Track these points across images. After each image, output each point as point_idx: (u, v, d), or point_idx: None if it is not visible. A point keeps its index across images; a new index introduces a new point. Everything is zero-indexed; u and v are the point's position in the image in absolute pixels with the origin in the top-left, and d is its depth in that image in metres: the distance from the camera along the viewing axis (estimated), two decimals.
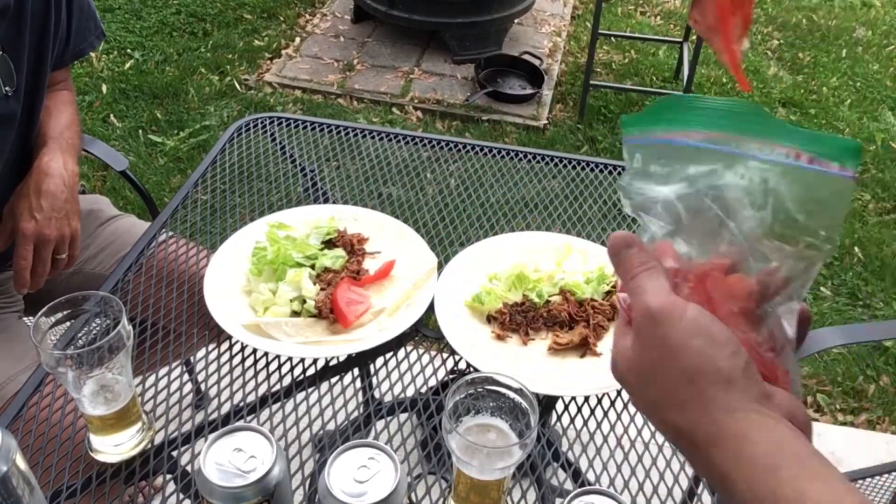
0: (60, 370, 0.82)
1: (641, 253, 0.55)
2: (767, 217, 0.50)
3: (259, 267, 1.13)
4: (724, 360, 0.50)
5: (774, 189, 0.50)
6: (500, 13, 3.64)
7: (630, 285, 0.55)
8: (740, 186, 0.51)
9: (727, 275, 0.54)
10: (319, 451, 0.96)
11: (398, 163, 1.47)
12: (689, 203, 0.54)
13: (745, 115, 0.51)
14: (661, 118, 0.55)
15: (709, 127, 0.52)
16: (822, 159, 0.48)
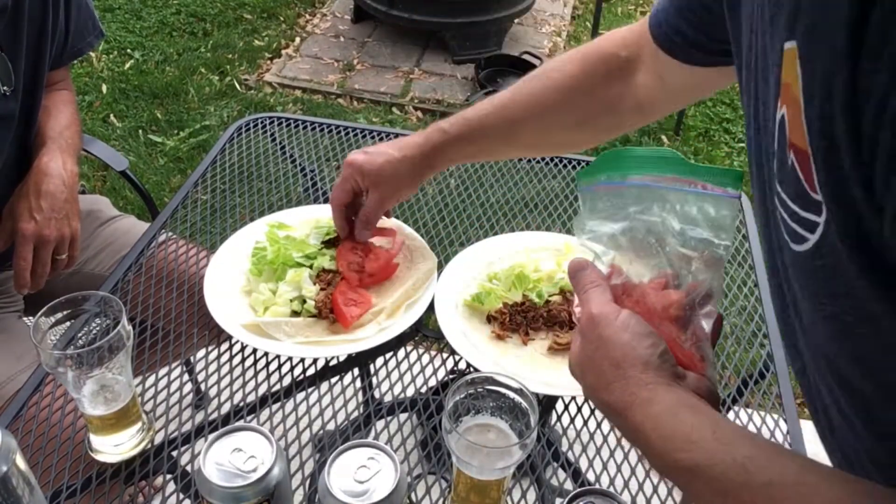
0: (60, 370, 0.82)
1: (591, 273, 0.71)
2: (689, 240, 0.66)
3: (259, 267, 1.13)
4: (644, 349, 0.63)
5: (693, 215, 0.65)
6: (500, 13, 3.64)
7: (581, 297, 0.69)
8: (663, 216, 0.66)
9: (663, 289, 0.68)
10: (319, 451, 0.96)
11: None
12: (630, 234, 0.69)
13: (664, 159, 0.67)
14: (603, 169, 0.71)
15: (639, 171, 0.68)
16: (715, 186, 0.64)
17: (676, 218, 0.66)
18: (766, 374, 1.06)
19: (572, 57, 1.01)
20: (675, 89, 0.94)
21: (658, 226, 0.67)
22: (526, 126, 1.03)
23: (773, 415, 1.00)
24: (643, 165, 0.68)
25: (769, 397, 1.02)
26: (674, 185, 0.66)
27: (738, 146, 3.36)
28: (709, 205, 0.64)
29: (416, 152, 1.07)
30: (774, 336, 1.11)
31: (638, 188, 0.68)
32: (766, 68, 0.55)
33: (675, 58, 0.87)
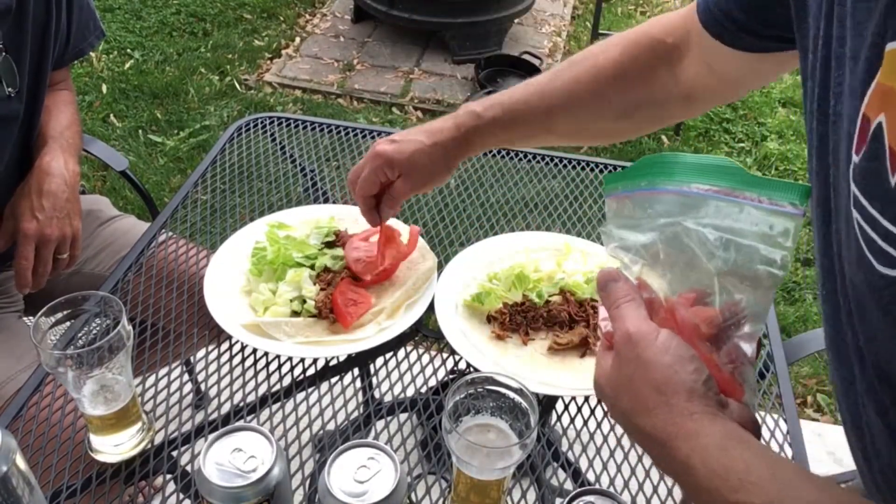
0: (60, 370, 0.82)
1: (625, 286, 0.65)
2: (732, 256, 0.59)
3: (259, 267, 1.13)
4: (688, 375, 0.58)
5: (742, 229, 0.59)
6: (500, 13, 3.64)
7: (613, 313, 0.64)
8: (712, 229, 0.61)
9: (693, 306, 0.63)
10: (319, 451, 0.96)
11: None
12: (667, 245, 0.64)
13: (720, 168, 0.61)
14: (644, 174, 0.65)
15: (689, 179, 0.62)
16: (776, 200, 0.58)
17: (724, 231, 0.60)
18: (765, 374, 1.06)
19: (616, 41, 0.96)
20: (725, 78, 0.90)
21: (698, 238, 0.61)
22: (565, 114, 0.98)
23: (773, 415, 1.00)
24: (695, 173, 0.62)
25: (769, 397, 1.02)
26: (729, 197, 0.60)
27: (738, 146, 3.36)
28: (767, 220, 0.58)
29: (448, 138, 1.01)
30: (774, 336, 1.11)
31: (685, 196, 0.62)
32: (841, 59, 0.52)
33: (725, 43, 0.82)
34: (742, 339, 0.60)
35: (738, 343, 0.61)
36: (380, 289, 1.14)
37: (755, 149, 3.34)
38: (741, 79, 0.90)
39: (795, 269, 2.66)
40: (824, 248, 0.58)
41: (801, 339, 1.29)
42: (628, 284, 0.65)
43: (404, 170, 1.03)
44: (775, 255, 0.58)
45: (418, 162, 1.02)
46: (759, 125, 3.49)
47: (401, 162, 1.02)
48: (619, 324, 0.62)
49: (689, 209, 0.62)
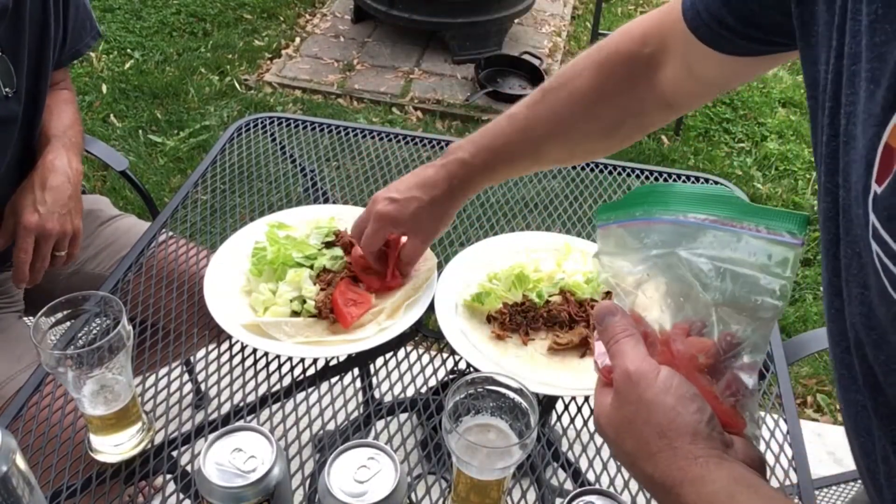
0: (60, 370, 0.82)
1: (622, 321, 0.63)
2: (728, 286, 0.58)
3: (259, 267, 1.13)
4: (691, 415, 0.57)
5: (740, 259, 0.58)
6: (500, 13, 3.64)
7: (612, 349, 0.62)
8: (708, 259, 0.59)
9: (688, 336, 0.62)
10: (319, 451, 0.96)
11: (398, 163, 1.47)
12: (662, 275, 0.63)
13: (716, 198, 0.60)
14: (638, 203, 0.64)
15: (684, 209, 0.61)
16: (775, 230, 0.57)
17: (721, 261, 0.59)
18: (765, 374, 1.06)
19: (588, 62, 0.95)
20: (706, 82, 0.89)
21: (693, 269, 0.60)
22: (552, 144, 0.99)
23: (773, 415, 1.00)
24: (691, 203, 0.61)
25: (769, 397, 1.02)
26: (726, 226, 0.58)
27: (737, 146, 3.36)
28: (765, 249, 0.57)
29: (444, 191, 1.04)
30: (774, 336, 1.11)
31: (681, 226, 0.61)
32: (854, 78, 0.51)
33: (717, 49, 0.80)
34: (742, 370, 0.59)
35: (738, 374, 0.59)
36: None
37: (755, 149, 3.34)
38: (723, 80, 0.89)
39: None
40: (832, 267, 0.57)
41: (801, 339, 1.29)
42: (626, 319, 0.64)
43: (409, 229, 1.07)
44: (774, 285, 0.57)
45: (422, 220, 1.05)
46: (759, 125, 3.49)
47: (405, 221, 1.05)
48: (619, 361, 0.61)
49: (685, 239, 0.61)
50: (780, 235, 0.56)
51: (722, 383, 0.60)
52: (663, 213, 0.62)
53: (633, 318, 0.64)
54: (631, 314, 0.65)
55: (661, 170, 1.46)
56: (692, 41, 0.82)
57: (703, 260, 0.59)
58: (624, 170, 1.47)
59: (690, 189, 0.62)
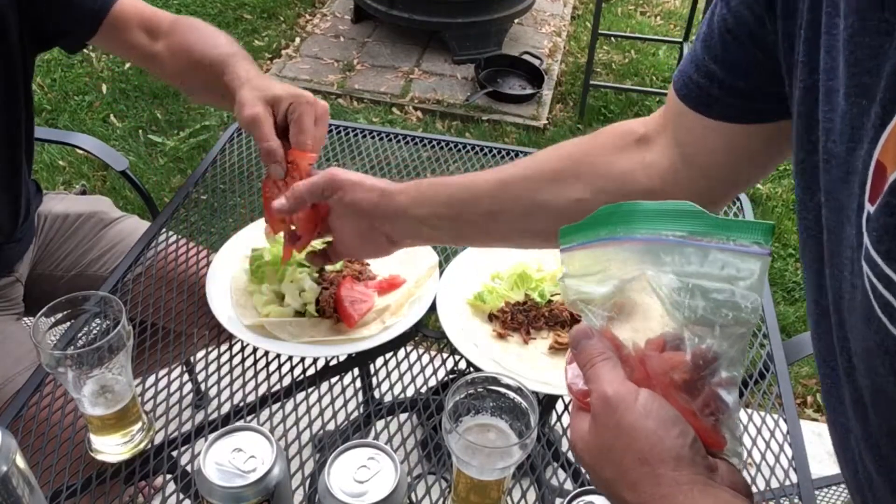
0: (60, 370, 0.82)
1: (599, 343, 0.61)
2: (699, 303, 0.56)
3: (258, 275, 1.12)
4: (673, 440, 0.54)
5: (708, 274, 0.56)
6: (500, 13, 3.64)
7: (589, 373, 0.60)
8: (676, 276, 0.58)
9: (662, 352, 0.60)
10: (319, 451, 0.96)
11: (398, 163, 1.47)
12: (630, 295, 0.61)
13: (681, 212, 0.58)
14: (602, 224, 0.62)
15: (649, 226, 0.59)
16: (741, 241, 0.55)
17: (689, 277, 0.57)
18: (766, 374, 1.06)
19: (588, 135, 0.91)
20: (699, 164, 0.80)
21: (662, 287, 0.59)
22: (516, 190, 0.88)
23: (773, 415, 1.00)
24: (656, 220, 0.59)
25: (769, 397, 1.02)
26: (691, 241, 0.57)
27: None
28: (733, 262, 0.56)
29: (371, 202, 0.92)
30: (774, 336, 1.11)
31: (647, 244, 0.59)
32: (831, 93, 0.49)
33: (706, 112, 0.75)
34: (720, 386, 0.57)
35: (716, 391, 0.57)
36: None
37: None
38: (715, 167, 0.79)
39: (795, 269, 2.66)
40: (817, 285, 0.55)
41: (801, 339, 1.29)
42: (603, 342, 0.62)
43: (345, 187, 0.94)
44: (745, 299, 0.55)
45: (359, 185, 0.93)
46: None
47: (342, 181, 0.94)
48: (596, 385, 0.59)
49: (652, 257, 0.59)
50: (747, 247, 0.55)
51: (700, 400, 0.58)
52: (628, 231, 0.61)
53: (608, 339, 0.63)
54: (604, 334, 0.63)
55: None
56: (682, 111, 0.77)
57: (670, 277, 0.58)
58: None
59: (655, 206, 0.60)
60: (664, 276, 0.58)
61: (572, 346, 0.63)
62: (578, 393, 0.62)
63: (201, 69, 1.17)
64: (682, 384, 0.58)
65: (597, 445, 0.58)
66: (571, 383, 0.63)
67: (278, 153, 1.02)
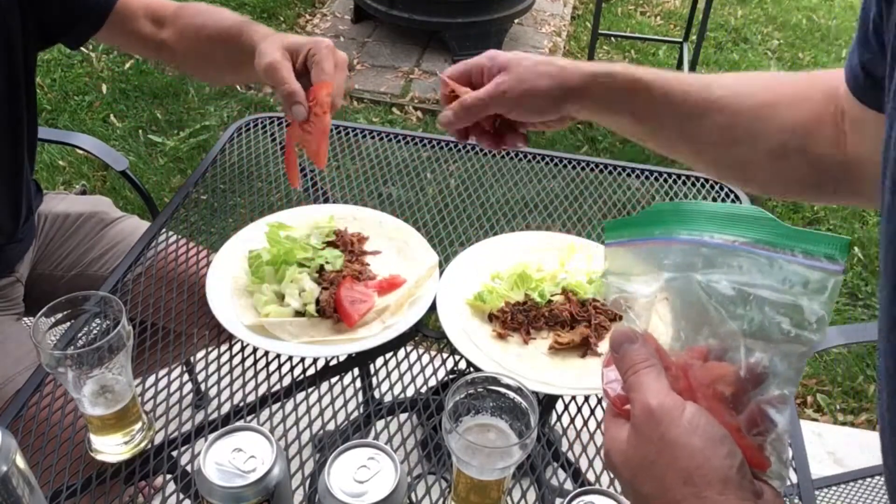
0: (60, 370, 0.82)
1: (643, 349, 0.58)
2: (756, 315, 0.53)
3: (259, 275, 1.12)
4: (721, 460, 0.51)
5: (771, 286, 0.53)
6: (500, 13, 3.64)
7: (631, 380, 0.57)
8: (733, 283, 0.54)
9: (705, 361, 0.57)
10: (319, 451, 0.96)
11: (398, 163, 1.47)
12: (678, 299, 0.58)
13: (747, 218, 0.55)
14: (657, 222, 0.59)
15: (710, 229, 0.56)
16: (812, 255, 0.52)
17: (749, 287, 0.54)
18: None
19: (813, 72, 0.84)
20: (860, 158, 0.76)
21: (716, 294, 0.55)
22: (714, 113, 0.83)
23: None
24: (718, 223, 0.56)
25: None
26: (756, 249, 0.54)
27: None
28: (801, 276, 0.52)
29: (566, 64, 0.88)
30: None
31: (705, 247, 0.56)
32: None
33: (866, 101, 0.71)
34: (770, 405, 0.54)
35: (765, 409, 0.54)
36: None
37: None
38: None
39: None
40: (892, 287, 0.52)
41: None
42: (647, 347, 0.58)
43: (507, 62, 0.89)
44: (810, 315, 0.51)
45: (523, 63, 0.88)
46: None
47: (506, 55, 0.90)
48: (639, 395, 0.55)
49: (709, 262, 0.56)
50: (817, 261, 0.51)
51: (746, 417, 0.55)
52: (686, 232, 0.57)
53: (651, 344, 0.60)
54: (647, 339, 0.60)
55: (661, 170, 1.46)
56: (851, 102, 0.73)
57: (724, 285, 0.55)
58: (624, 170, 1.47)
59: (719, 208, 0.56)
60: (716, 283, 0.55)
61: (613, 349, 0.60)
62: (615, 398, 0.59)
63: (216, 42, 1.16)
64: (727, 397, 0.55)
65: (636, 458, 0.55)
66: (608, 387, 0.60)
67: (299, 93, 1.01)
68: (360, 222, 1.25)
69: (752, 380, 0.54)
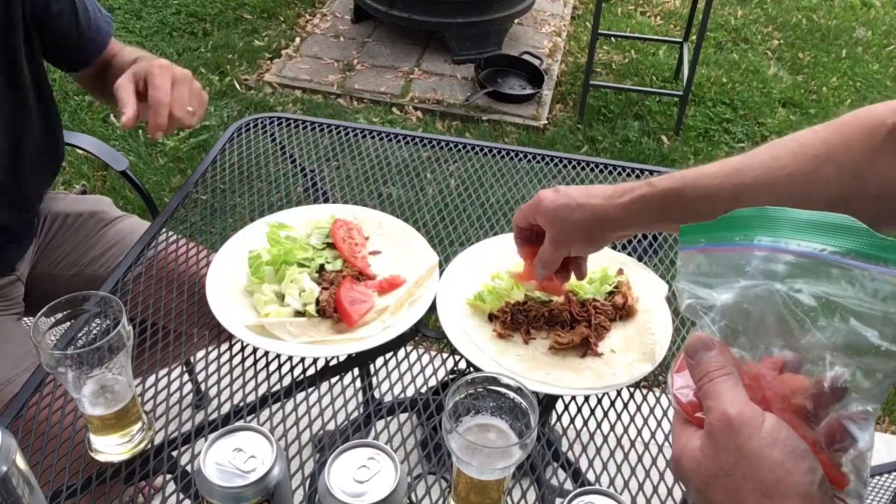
0: (60, 370, 0.82)
1: (720, 357, 0.56)
2: (842, 327, 0.51)
3: (258, 275, 1.12)
4: (802, 475, 0.50)
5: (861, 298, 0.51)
6: (500, 13, 3.64)
7: (707, 387, 0.55)
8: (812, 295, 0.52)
9: (780, 373, 0.55)
10: (319, 451, 0.96)
11: (398, 163, 1.47)
12: (757, 308, 0.55)
13: (838, 227, 0.52)
14: (739, 228, 0.57)
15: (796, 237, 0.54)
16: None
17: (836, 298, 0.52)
18: None
19: (828, 125, 0.83)
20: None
21: (799, 304, 0.53)
22: (755, 196, 0.83)
23: None
24: (803, 231, 0.54)
25: None
26: (846, 260, 0.51)
27: (738, 146, 3.36)
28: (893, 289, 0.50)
29: (600, 202, 0.93)
30: None
31: (792, 256, 0.54)
32: None
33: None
34: (851, 420, 0.52)
35: (846, 425, 0.52)
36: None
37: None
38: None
39: None
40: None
41: None
42: (724, 356, 0.57)
43: (545, 220, 0.98)
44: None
45: (559, 217, 0.96)
46: (759, 125, 3.49)
47: (545, 211, 0.97)
48: (716, 403, 0.54)
49: (791, 271, 0.54)
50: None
51: (824, 430, 0.53)
52: (768, 239, 0.55)
53: (727, 353, 0.58)
54: (723, 348, 0.58)
55: (662, 169, 1.46)
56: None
57: (806, 295, 0.53)
58: (624, 170, 1.47)
59: (807, 216, 0.54)
60: (800, 293, 0.53)
61: (688, 355, 0.58)
62: (687, 405, 0.58)
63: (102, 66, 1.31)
64: (804, 411, 0.54)
65: (711, 468, 0.53)
66: (678, 393, 0.59)
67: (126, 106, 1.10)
68: (359, 222, 1.25)
69: (833, 394, 0.53)
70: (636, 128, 3.37)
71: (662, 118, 3.44)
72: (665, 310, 1.11)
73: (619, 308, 1.10)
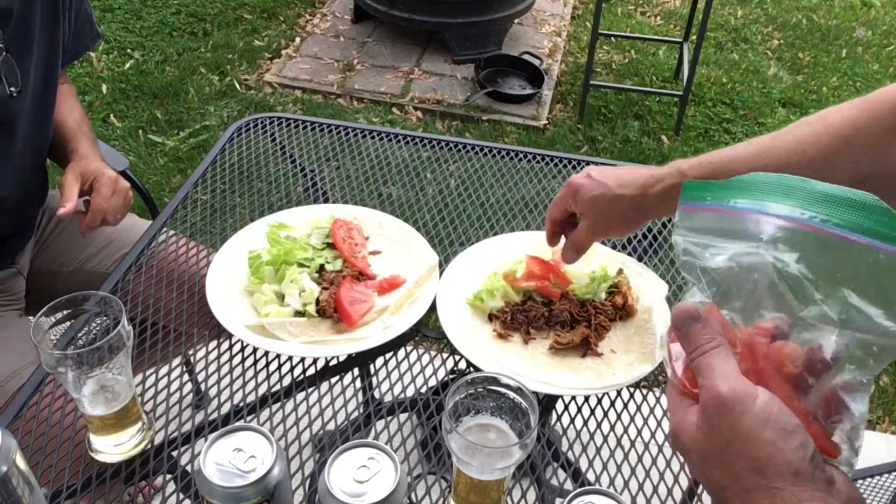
0: (60, 370, 0.82)
1: (708, 328, 0.56)
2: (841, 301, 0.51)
3: (258, 275, 1.12)
4: (793, 452, 0.51)
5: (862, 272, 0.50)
6: (500, 13, 3.64)
7: (697, 362, 0.56)
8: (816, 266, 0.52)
9: (770, 340, 0.55)
10: (319, 451, 0.96)
11: (398, 163, 1.47)
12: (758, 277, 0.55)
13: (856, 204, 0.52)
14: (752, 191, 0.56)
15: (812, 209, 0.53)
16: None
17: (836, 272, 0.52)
18: None
19: (856, 101, 0.84)
20: None
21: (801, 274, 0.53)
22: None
23: None
24: (817, 203, 0.53)
25: None
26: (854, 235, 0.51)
27: None
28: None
29: (636, 192, 0.95)
30: None
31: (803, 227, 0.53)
32: None
33: None
34: (846, 391, 0.53)
35: (841, 396, 0.53)
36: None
37: None
38: None
39: None
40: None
41: None
42: (712, 327, 0.56)
43: (584, 208, 1.00)
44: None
45: (598, 205, 0.98)
46: (759, 125, 3.49)
47: (583, 199, 0.99)
48: (708, 380, 0.54)
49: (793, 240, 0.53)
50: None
51: (816, 397, 0.53)
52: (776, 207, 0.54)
53: (709, 311, 0.57)
54: (710, 312, 0.58)
55: None
56: None
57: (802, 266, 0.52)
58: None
59: (825, 188, 0.53)
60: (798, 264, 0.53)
61: (677, 327, 0.58)
62: (685, 377, 0.57)
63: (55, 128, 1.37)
64: (796, 377, 0.54)
65: (707, 445, 0.54)
66: (674, 362, 0.59)
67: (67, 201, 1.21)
68: (359, 222, 1.25)
69: (826, 363, 0.53)
70: (636, 128, 3.37)
71: (662, 118, 3.44)
72: (665, 309, 1.11)
73: (619, 308, 1.10)
